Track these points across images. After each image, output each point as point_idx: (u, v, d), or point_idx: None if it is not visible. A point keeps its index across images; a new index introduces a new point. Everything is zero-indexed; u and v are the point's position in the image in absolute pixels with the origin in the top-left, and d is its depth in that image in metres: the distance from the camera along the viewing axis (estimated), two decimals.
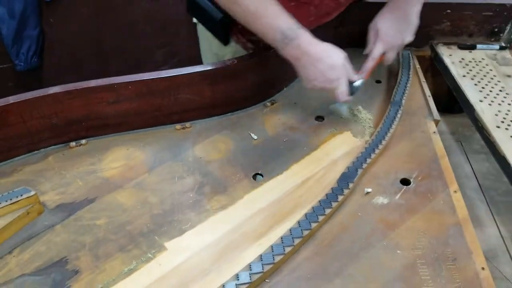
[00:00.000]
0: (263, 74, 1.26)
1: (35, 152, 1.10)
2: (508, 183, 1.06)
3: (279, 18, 1.06)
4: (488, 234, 1.21)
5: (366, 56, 1.23)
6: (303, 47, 1.07)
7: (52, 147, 1.11)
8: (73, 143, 1.12)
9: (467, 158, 1.46)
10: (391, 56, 1.18)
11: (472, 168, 1.42)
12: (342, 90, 1.10)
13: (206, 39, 1.43)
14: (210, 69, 1.16)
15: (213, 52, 1.42)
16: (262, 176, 1.06)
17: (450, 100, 1.48)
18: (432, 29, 1.54)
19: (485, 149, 1.35)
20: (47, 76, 1.78)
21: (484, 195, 1.32)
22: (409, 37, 1.16)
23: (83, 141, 1.13)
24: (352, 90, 1.13)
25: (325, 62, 1.08)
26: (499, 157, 1.10)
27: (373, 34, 1.18)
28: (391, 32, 1.14)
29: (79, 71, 1.81)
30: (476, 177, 1.38)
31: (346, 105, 1.17)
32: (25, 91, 1.03)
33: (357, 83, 1.14)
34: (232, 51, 1.35)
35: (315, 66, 1.07)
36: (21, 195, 0.91)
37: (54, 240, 0.90)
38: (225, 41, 1.31)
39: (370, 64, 1.16)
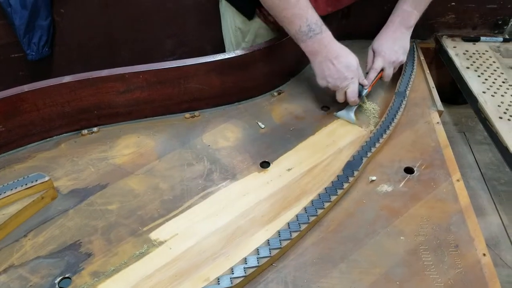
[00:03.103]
0: (270, 65, 1.28)
1: (48, 139, 1.12)
2: (510, 173, 1.09)
3: (308, 11, 1.11)
4: (490, 222, 1.23)
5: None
6: (325, 42, 1.13)
7: (65, 134, 1.14)
8: (85, 131, 1.14)
9: (470, 149, 1.48)
10: (389, 73, 1.26)
11: (475, 158, 1.44)
12: (353, 89, 1.16)
13: (230, 15, 1.46)
14: (218, 60, 1.18)
15: (236, 27, 1.46)
16: (269, 164, 1.08)
17: (454, 92, 1.50)
18: (437, 21, 1.55)
19: (488, 140, 1.37)
20: (57, 66, 1.80)
21: (486, 185, 1.34)
22: (402, 57, 1.26)
23: (95, 129, 1.15)
24: (359, 96, 1.20)
25: (342, 60, 1.14)
26: (502, 148, 1.12)
27: (371, 54, 1.28)
28: (388, 50, 1.24)
29: (89, 61, 1.83)
30: (479, 167, 1.40)
31: (352, 111, 1.21)
32: (36, 80, 1.05)
33: (363, 92, 1.20)
34: (256, 26, 1.40)
35: (332, 63, 1.13)
36: (36, 180, 0.94)
37: (67, 224, 0.93)
38: (249, 15, 1.36)
39: (372, 75, 1.24)
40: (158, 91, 1.16)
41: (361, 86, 1.20)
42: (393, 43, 1.26)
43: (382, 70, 1.26)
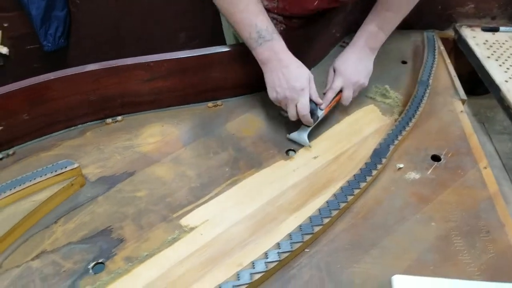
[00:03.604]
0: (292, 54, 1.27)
1: (73, 128, 1.12)
2: None
3: (259, 17, 1.06)
4: None
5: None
6: (275, 51, 1.07)
7: (89, 123, 1.14)
8: (109, 120, 1.14)
9: (490, 138, 1.48)
10: (348, 95, 1.16)
11: (495, 148, 1.44)
12: (303, 103, 1.06)
13: (226, 19, 1.44)
14: (241, 48, 1.17)
15: (232, 32, 1.44)
16: (295, 152, 1.08)
17: (473, 82, 1.49)
18: (456, 11, 1.55)
19: (508, 130, 1.37)
20: (72, 58, 1.79)
21: (508, 174, 1.34)
22: (364, 80, 1.18)
23: (119, 118, 1.15)
24: (313, 116, 1.08)
25: (292, 70, 1.06)
26: None
27: (331, 73, 1.20)
28: (349, 70, 1.16)
29: (102, 52, 1.82)
30: (500, 157, 1.40)
31: (306, 132, 1.10)
32: (51, 71, 1.05)
33: (318, 113, 1.12)
34: None
35: (282, 72, 1.06)
36: (65, 167, 0.94)
37: (97, 210, 0.93)
38: None
39: (330, 94, 1.15)
40: (181, 79, 1.16)
41: (316, 105, 1.10)
42: (356, 63, 1.17)
43: (341, 91, 1.17)
